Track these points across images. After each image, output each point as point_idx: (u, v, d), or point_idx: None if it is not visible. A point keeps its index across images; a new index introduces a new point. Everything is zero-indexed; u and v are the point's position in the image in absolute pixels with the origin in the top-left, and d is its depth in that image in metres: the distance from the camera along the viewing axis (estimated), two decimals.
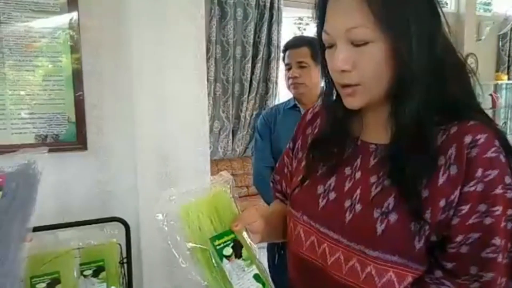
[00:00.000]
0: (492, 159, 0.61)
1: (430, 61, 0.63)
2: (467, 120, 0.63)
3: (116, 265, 1.22)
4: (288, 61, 1.65)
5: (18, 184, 0.68)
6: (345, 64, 0.64)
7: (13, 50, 1.22)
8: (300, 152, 0.83)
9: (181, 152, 1.36)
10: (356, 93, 0.66)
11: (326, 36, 0.66)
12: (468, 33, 4.41)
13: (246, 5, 3.58)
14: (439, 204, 0.62)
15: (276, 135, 1.67)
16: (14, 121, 1.24)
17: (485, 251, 0.61)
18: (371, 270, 0.65)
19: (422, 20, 0.62)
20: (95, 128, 1.31)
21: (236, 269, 0.65)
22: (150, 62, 1.32)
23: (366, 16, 0.61)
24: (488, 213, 0.61)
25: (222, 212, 0.69)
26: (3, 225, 0.62)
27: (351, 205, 0.69)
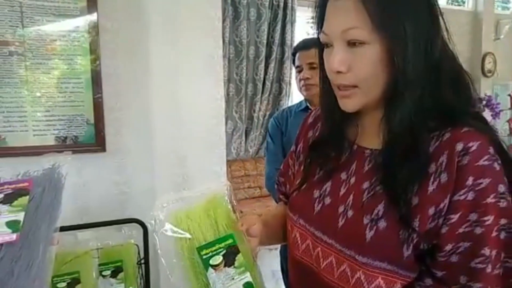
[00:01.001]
0: (485, 167, 0.60)
1: (426, 66, 0.62)
2: (461, 126, 0.63)
3: (134, 265, 1.25)
4: (298, 63, 1.65)
5: (44, 188, 0.70)
6: (341, 65, 0.64)
7: (35, 53, 1.25)
8: (301, 155, 0.84)
9: (198, 154, 1.37)
10: (352, 95, 0.66)
11: (324, 36, 0.67)
12: (486, 32, 4.35)
13: (259, 5, 3.59)
14: (428, 212, 0.62)
15: (288, 138, 1.68)
16: (35, 123, 1.27)
17: (474, 261, 0.60)
18: (360, 276, 0.65)
19: (419, 24, 0.62)
20: (113, 130, 1.33)
21: (223, 278, 0.65)
22: (167, 64, 1.34)
23: (362, 17, 0.61)
24: (479, 223, 0.60)
25: (218, 219, 0.69)
26: (31, 228, 0.64)
27: (344, 210, 0.69)
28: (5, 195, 0.68)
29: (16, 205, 0.67)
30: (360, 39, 0.62)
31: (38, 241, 0.63)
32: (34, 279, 0.59)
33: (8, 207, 0.66)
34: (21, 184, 0.70)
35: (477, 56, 4.35)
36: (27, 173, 0.74)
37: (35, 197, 0.68)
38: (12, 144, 1.25)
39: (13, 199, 0.67)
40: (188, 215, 0.67)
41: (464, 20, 4.37)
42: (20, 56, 1.24)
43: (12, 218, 0.65)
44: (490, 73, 4.36)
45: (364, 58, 0.63)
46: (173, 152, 1.35)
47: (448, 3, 4.80)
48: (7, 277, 0.58)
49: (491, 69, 4.36)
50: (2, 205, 0.66)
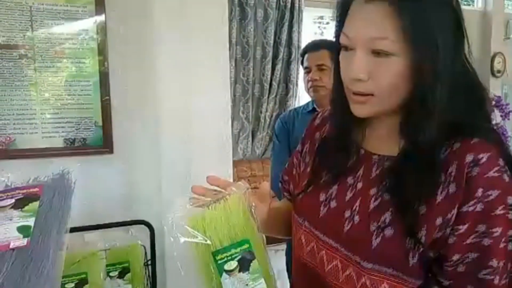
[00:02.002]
0: (494, 179, 0.60)
1: (451, 83, 0.62)
2: (471, 137, 0.63)
3: (141, 266, 1.26)
4: (307, 65, 1.66)
5: (54, 194, 0.72)
6: (362, 72, 0.63)
7: (44, 56, 1.27)
8: (308, 156, 0.84)
9: (204, 155, 1.38)
10: (367, 102, 0.65)
11: (345, 39, 0.65)
12: (496, 32, 4.30)
13: (266, 6, 3.59)
14: (435, 222, 0.62)
15: (294, 139, 1.68)
16: (44, 125, 1.29)
17: (482, 272, 0.61)
18: (366, 281, 0.66)
19: (449, 39, 0.62)
20: (121, 132, 1.35)
21: (236, 283, 0.64)
22: (174, 67, 1.35)
23: (394, 29, 0.60)
24: (487, 234, 0.60)
25: (235, 223, 0.67)
26: (41, 233, 0.65)
27: (351, 215, 0.69)
28: (16, 200, 0.69)
29: (27, 210, 0.68)
30: (388, 50, 0.61)
31: (48, 246, 0.64)
32: (45, 283, 0.61)
33: (19, 212, 0.68)
34: (31, 190, 0.72)
35: (486, 56, 4.30)
36: (37, 179, 0.76)
37: (45, 202, 0.70)
38: (22, 146, 1.27)
39: (24, 204, 0.69)
40: (205, 217, 0.66)
41: (473, 19, 4.32)
42: (29, 59, 1.26)
43: (23, 223, 0.66)
44: (499, 73, 4.31)
45: (388, 70, 0.62)
46: (180, 154, 1.36)
47: None
48: (19, 281, 0.60)
49: (500, 69, 4.31)
50: (13, 210, 0.68)
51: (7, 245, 0.63)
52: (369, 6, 0.62)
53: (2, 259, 0.61)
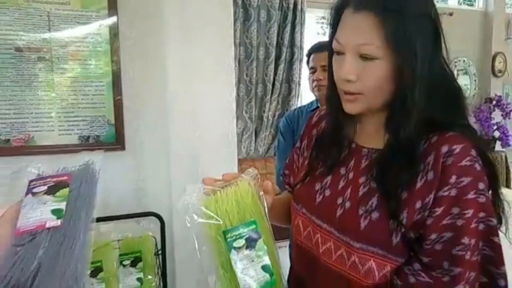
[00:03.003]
0: (466, 167, 0.69)
1: (429, 84, 0.71)
2: (447, 131, 0.72)
3: (152, 256, 1.36)
4: (312, 65, 1.74)
5: (82, 181, 0.81)
6: (350, 74, 0.72)
7: (61, 58, 1.37)
8: (306, 151, 0.93)
9: (211, 152, 1.48)
10: (357, 100, 0.74)
11: (337, 44, 0.74)
12: (497, 32, 4.38)
13: (269, 7, 3.68)
14: (415, 205, 0.71)
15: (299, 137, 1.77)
16: (60, 123, 1.39)
17: (455, 249, 0.69)
18: (355, 259, 0.74)
19: (427, 45, 0.70)
20: (132, 130, 1.45)
21: (244, 259, 0.71)
22: (183, 68, 1.45)
23: (379, 36, 0.69)
24: (460, 216, 0.68)
25: (244, 205, 0.75)
26: (72, 216, 0.74)
27: (342, 202, 0.78)
28: (49, 187, 0.79)
29: (58, 195, 0.77)
30: (374, 55, 0.70)
31: (79, 227, 0.74)
32: (77, 259, 0.70)
33: (52, 197, 0.77)
34: (61, 178, 0.81)
35: (487, 56, 4.38)
36: (66, 168, 0.85)
37: (74, 189, 0.79)
38: (40, 143, 1.37)
39: (56, 191, 0.78)
40: (217, 200, 0.73)
41: (474, 20, 4.41)
42: (47, 61, 1.36)
43: (56, 206, 0.75)
44: (500, 73, 4.39)
45: (373, 72, 0.71)
46: (188, 151, 1.46)
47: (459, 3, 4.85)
48: (55, 255, 0.69)
49: (501, 69, 4.38)
50: (46, 195, 0.77)
51: (43, 225, 0.72)
52: (358, 16, 0.71)
53: (40, 237, 0.71)
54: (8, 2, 1.29)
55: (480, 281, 0.72)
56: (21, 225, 0.73)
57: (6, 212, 0.79)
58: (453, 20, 4.22)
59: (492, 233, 0.71)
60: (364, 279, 0.73)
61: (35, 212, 0.75)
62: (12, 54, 1.32)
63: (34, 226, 0.72)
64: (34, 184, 0.80)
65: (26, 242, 0.70)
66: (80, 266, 0.70)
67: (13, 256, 0.69)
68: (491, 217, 0.71)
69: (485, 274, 0.72)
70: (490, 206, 0.71)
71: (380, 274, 0.73)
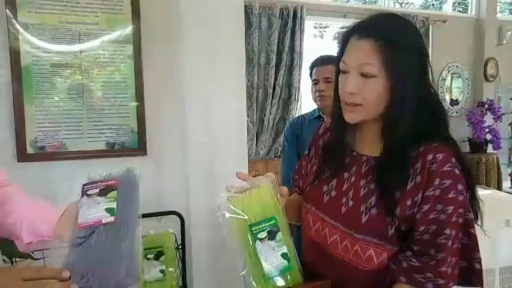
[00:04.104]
0: (448, 172, 0.86)
1: (417, 101, 0.88)
2: (432, 142, 0.89)
3: (173, 250, 1.52)
4: (315, 77, 1.91)
5: (127, 185, 0.97)
6: (353, 88, 0.89)
7: (90, 73, 1.53)
8: (313, 158, 1.10)
9: (224, 156, 1.64)
10: (356, 111, 0.91)
11: (343, 64, 0.92)
12: (489, 38, 4.57)
13: (270, 15, 3.85)
14: (406, 203, 0.87)
15: (302, 142, 1.94)
16: (89, 131, 1.55)
17: (440, 238, 0.85)
18: (358, 248, 0.90)
19: (415, 68, 0.89)
20: (153, 137, 1.61)
21: (266, 248, 0.87)
22: (199, 81, 1.61)
23: (376, 58, 0.86)
24: (443, 211, 0.85)
25: (265, 204, 0.91)
26: (122, 214, 0.90)
27: (346, 201, 0.95)
28: (100, 189, 0.95)
29: (109, 197, 0.93)
30: (371, 73, 0.87)
31: (127, 223, 0.89)
32: (128, 249, 0.86)
33: (104, 198, 0.93)
34: (110, 182, 0.97)
35: (479, 61, 4.57)
36: (111, 174, 1.01)
37: (121, 191, 0.95)
38: (71, 149, 1.53)
39: (106, 193, 0.94)
40: (243, 200, 0.90)
41: (467, 26, 4.60)
42: (78, 76, 1.52)
43: (108, 206, 0.91)
44: (492, 78, 4.58)
45: (371, 87, 0.88)
46: (203, 155, 1.62)
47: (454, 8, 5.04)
48: (111, 245, 0.85)
49: (493, 73, 4.58)
50: (99, 197, 0.93)
51: (100, 220, 0.88)
52: (361, 41, 0.89)
53: (98, 231, 0.87)
54: (45, 23, 1.46)
55: (461, 266, 0.89)
56: (81, 221, 0.89)
57: (66, 210, 0.95)
58: (447, 27, 4.42)
59: (469, 225, 0.89)
60: (365, 264, 0.90)
61: (92, 211, 0.91)
62: (48, 70, 1.48)
63: (92, 222, 0.89)
64: (87, 187, 0.96)
65: (87, 235, 0.87)
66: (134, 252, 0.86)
67: (79, 246, 0.85)
68: (468, 212, 0.89)
69: (465, 259, 0.90)
70: (467, 203, 0.89)
71: (379, 261, 0.90)
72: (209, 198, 1.63)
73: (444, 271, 0.86)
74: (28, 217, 0.95)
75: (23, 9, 1.42)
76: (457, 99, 4.59)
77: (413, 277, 0.87)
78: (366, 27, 0.90)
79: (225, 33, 1.64)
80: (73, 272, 0.80)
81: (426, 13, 4.52)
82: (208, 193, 1.63)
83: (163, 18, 1.60)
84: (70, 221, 0.91)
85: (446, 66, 4.47)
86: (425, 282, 0.86)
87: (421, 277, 0.87)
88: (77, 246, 0.85)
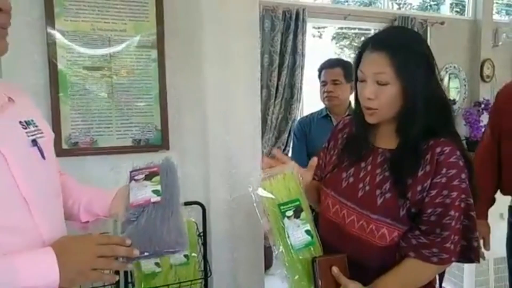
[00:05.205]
0: (453, 163, 1.04)
1: (427, 100, 1.05)
2: (440, 137, 1.07)
3: (195, 237, 1.70)
4: (324, 79, 2.10)
5: (167, 171, 1.15)
6: (371, 95, 1.07)
7: (118, 75, 1.71)
8: (332, 150, 1.28)
9: (240, 152, 1.83)
10: (375, 114, 1.10)
11: (360, 73, 1.10)
12: (485, 39, 4.78)
13: (273, 18, 4.03)
14: (417, 188, 1.05)
15: (311, 139, 2.13)
16: (117, 129, 1.73)
17: (445, 219, 1.03)
18: (372, 227, 1.08)
19: (423, 72, 1.06)
20: (175, 134, 1.79)
21: (293, 225, 1.04)
22: (217, 83, 1.80)
23: (388, 68, 1.04)
24: (448, 196, 1.03)
25: (290, 187, 1.09)
26: (166, 195, 1.06)
27: (363, 186, 1.12)
28: (145, 175, 1.12)
29: (154, 181, 1.10)
30: (385, 81, 1.05)
31: (172, 202, 1.07)
32: (174, 223, 1.03)
33: (150, 182, 1.10)
34: (153, 169, 1.15)
35: (476, 62, 4.78)
36: (152, 163, 1.19)
37: (163, 176, 1.13)
38: (102, 145, 1.71)
39: (151, 177, 1.11)
40: (272, 183, 1.08)
41: (464, 28, 4.81)
42: (108, 77, 1.70)
43: (154, 188, 1.08)
44: (488, 78, 4.79)
45: (386, 93, 1.06)
46: (222, 150, 1.81)
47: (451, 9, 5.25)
48: (159, 221, 1.02)
49: (489, 74, 4.79)
50: (145, 181, 1.11)
51: (149, 200, 1.05)
52: (375, 54, 1.07)
53: (148, 208, 1.04)
54: (79, 30, 1.63)
55: (461, 244, 1.07)
56: (133, 201, 1.07)
57: (118, 192, 1.14)
58: (445, 28, 4.62)
59: (470, 209, 1.08)
60: (379, 241, 1.07)
61: (140, 192, 1.09)
62: (81, 72, 1.66)
63: (142, 201, 1.06)
64: (134, 174, 1.14)
65: (139, 212, 1.05)
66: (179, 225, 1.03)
67: (133, 222, 1.03)
68: (469, 198, 1.07)
69: (465, 238, 1.08)
70: (469, 190, 1.06)
71: (390, 238, 1.06)
72: (226, 190, 1.82)
73: (448, 247, 1.03)
74: (84, 199, 1.14)
75: (60, 18, 1.60)
76: (454, 99, 4.80)
77: (420, 252, 1.04)
78: (379, 41, 1.08)
79: (241, 37, 1.83)
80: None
81: (424, 15, 4.73)
82: (226, 185, 1.82)
83: (184, 25, 1.78)
84: (123, 202, 1.09)
85: (444, 67, 4.68)
86: (431, 256, 1.03)
87: (428, 252, 1.03)
88: (131, 222, 1.03)
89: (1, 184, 0.83)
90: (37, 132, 0.97)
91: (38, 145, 0.94)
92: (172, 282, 1.53)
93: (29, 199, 0.86)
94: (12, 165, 0.85)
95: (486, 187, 1.87)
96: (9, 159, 0.84)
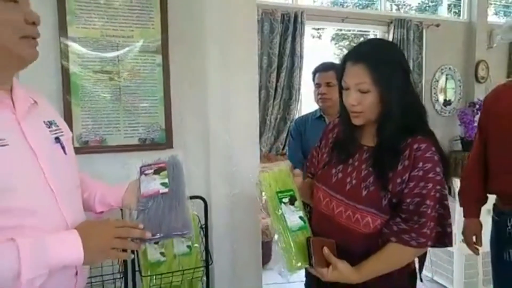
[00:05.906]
0: (429, 158, 1.18)
1: (402, 104, 1.20)
2: (417, 135, 1.21)
3: (197, 229, 1.83)
4: (318, 81, 2.24)
5: (173, 167, 1.29)
6: (354, 101, 1.22)
7: (125, 79, 1.85)
8: (323, 148, 1.43)
9: (240, 150, 1.97)
10: (360, 116, 1.24)
11: (344, 83, 1.25)
12: (480, 41, 4.93)
13: (272, 20, 4.18)
14: (397, 181, 1.19)
15: (306, 138, 2.28)
16: (125, 128, 1.87)
17: (422, 207, 1.17)
18: (358, 216, 1.22)
19: (399, 81, 1.20)
20: (179, 133, 1.93)
21: (288, 210, 1.21)
22: (219, 86, 1.94)
23: (367, 77, 1.18)
24: (424, 187, 1.17)
25: (285, 179, 1.27)
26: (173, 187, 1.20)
27: (350, 180, 1.27)
28: (154, 170, 1.26)
29: (161, 175, 1.24)
30: (365, 89, 1.19)
31: (178, 193, 1.21)
32: (181, 211, 1.16)
33: (158, 176, 1.24)
34: (161, 164, 1.29)
35: (471, 63, 4.93)
36: (159, 159, 1.33)
37: (170, 171, 1.27)
38: (110, 143, 1.85)
39: (159, 172, 1.25)
40: (270, 175, 1.25)
41: (459, 30, 4.95)
42: (116, 80, 1.84)
43: (162, 181, 1.22)
44: (483, 79, 4.94)
45: (367, 100, 1.20)
46: (222, 149, 1.95)
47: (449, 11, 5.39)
48: (167, 211, 1.16)
49: (484, 75, 4.93)
50: (154, 175, 1.25)
51: (158, 191, 1.19)
52: (355, 66, 1.21)
53: (157, 199, 1.18)
54: (90, 37, 1.78)
55: (437, 231, 1.21)
56: (143, 192, 1.21)
57: (129, 185, 1.28)
58: (440, 30, 4.77)
59: (444, 199, 1.22)
60: (363, 229, 1.22)
61: (150, 184, 1.23)
62: (91, 76, 1.80)
63: (152, 192, 1.20)
64: (143, 169, 1.28)
65: (149, 202, 1.19)
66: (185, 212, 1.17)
67: (144, 212, 1.17)
68: (444, 189, 1.21)
69: (440, 225, 1.22)
70: (444, 182, 1.21)
71: (374, 226, 1.21)
72: (227, 186, 1.97)
73: (425, 232, 1.17)
74: (98, 192, 1.28)
75: (73, 25, 1.74)
76: (450, 99, 4.94)
77: (401, 237, 1.18)
78: (359, 54, 1.22)
79: (241, 42, 1.97)
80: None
81: (420, 18, 4.88)
82: (226, 182, 1.96)
83: (187, 31, 1.92)
84: (134, 193, 1.23)
85: (440, 68, 4.82)
86: (410, 241, 1.17)
87: (407, 236, 1.17)
88: (142, 211, 1.17)
89: (32, 176, 0.97)
90: (58, 131, 1.11)
91: (60, 142, 1.09)
92: (175, 269, 1.67)
93: (55, 188, 1.00)
94: (41, 159, 0.99)
95: (476, 186, 1.99)
96: (38, 154, 0.99)
